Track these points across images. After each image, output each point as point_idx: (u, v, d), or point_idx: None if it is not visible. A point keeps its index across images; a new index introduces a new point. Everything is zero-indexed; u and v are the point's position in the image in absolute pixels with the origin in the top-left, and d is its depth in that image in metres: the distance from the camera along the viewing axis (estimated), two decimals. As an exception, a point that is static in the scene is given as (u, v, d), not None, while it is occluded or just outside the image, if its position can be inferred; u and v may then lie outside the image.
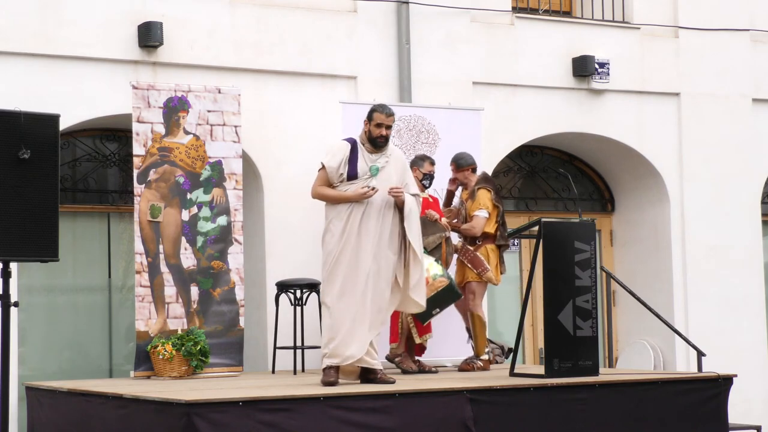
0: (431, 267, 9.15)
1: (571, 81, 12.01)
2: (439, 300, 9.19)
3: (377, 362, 8.23)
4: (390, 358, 9.56)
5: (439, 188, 10.21)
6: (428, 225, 9.34)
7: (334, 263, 8.09)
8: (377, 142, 8.19)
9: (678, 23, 12.53)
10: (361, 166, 8.14)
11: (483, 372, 9.44)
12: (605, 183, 13.07)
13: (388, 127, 8.22)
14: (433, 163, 9.75)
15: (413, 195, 8.30)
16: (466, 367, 9.61)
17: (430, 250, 9.35)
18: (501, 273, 9.72)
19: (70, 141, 10.55)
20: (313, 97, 10.72)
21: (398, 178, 8.27)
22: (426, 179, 9.69)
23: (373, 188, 8.05)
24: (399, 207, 8.19)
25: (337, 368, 8.09)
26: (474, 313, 9.62)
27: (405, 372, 9.37)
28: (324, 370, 8.10)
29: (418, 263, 8.24)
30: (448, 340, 10.13)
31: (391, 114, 8.22)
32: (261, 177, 10.58)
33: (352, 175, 8.12)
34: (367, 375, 8.20)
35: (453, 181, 9.94)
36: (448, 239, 9.58)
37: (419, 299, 8.32)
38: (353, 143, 8.21)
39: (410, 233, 8.17)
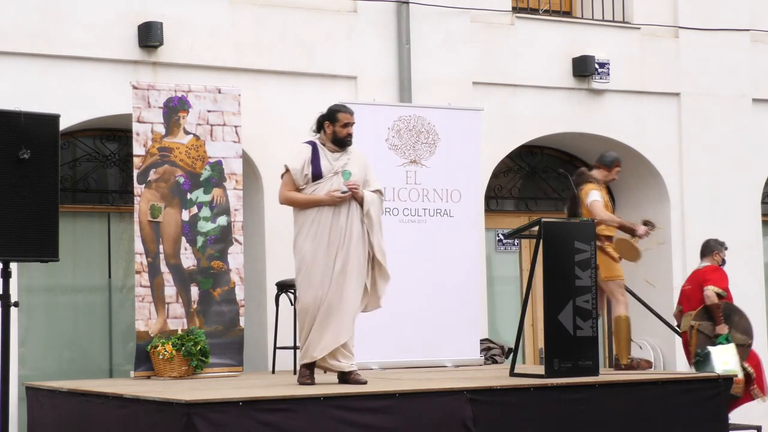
0: (731, 361, 9.50)
1: (571, 81, 12.01)
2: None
3: (346, 364, 8.15)
4: None
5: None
6: (741, 321, 9.82)
7: (309, 266, 8.12)
8: (345, 141, 8.21)
9: (678, 23, 12.53)
10: (325, 165, 8.16)
11: (483, 372, 9.43)
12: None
13: (353, 125, 8.27)
14: None
15: (375, 191, 8.28)
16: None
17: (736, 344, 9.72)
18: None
19: (70, 141, 10.55)
20: (313, 97, 10.70)
21: (360, 174, 8.26)
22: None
23: (345, 192, 8.07)
24: (359, 203, 8.19)
25: (312, 368, 8.15)
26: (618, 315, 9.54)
27: None
28: (300, 369, 8.20)
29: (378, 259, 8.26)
30: (448, 340, 10.13)
31: (353, 112, 8.30)
32: (261, 177, 10.58)
33: (317, 175, 8.15)
34: (342, 376, 8.22)
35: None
36: (750, 345, 9.92)
37: (381, 293, 8.31)
38: (313, 145, 8.24)
39: (371, 229, 8.20)
